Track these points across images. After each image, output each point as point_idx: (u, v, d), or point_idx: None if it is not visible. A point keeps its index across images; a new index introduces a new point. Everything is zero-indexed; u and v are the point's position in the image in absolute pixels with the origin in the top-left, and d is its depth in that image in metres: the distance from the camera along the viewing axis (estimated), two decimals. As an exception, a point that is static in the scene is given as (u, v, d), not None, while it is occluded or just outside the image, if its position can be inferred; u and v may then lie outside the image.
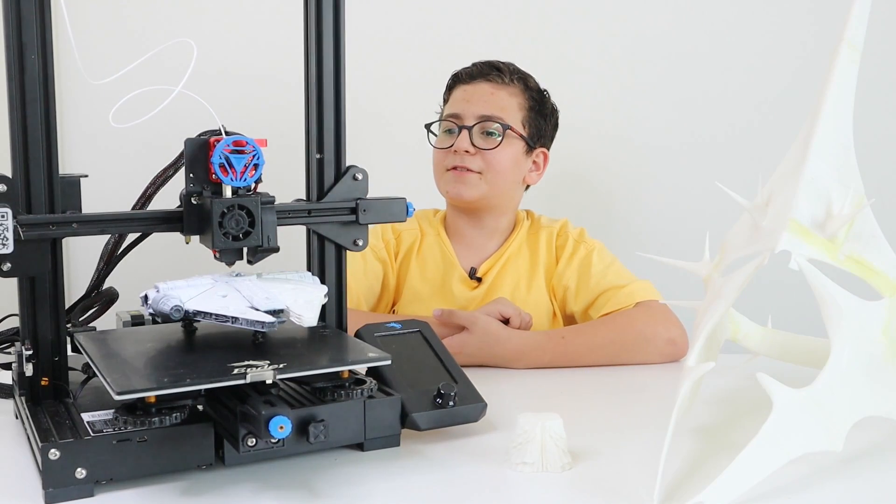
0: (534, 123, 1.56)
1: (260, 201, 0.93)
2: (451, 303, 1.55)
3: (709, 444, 0.97)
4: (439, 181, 1.56)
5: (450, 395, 0.96)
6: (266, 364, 0.83)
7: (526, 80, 1.57)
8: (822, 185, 0.93)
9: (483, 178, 1.51)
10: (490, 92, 1.53)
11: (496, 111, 1.52)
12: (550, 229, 1.60)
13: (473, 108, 1.52)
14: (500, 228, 1.59)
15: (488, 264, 1.57)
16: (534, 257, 1.58)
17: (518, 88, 1.55)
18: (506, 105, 1.53)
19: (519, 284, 1.56)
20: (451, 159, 1.52)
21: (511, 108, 1.53)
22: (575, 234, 1.58)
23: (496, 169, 1.51)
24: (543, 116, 1.58)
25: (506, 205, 1.58)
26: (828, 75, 0.96)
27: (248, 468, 0.88)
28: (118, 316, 1.02)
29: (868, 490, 0.87)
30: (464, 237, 1.59)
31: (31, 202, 0.91)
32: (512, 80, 1.55)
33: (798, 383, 0.85)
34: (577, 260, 1.54)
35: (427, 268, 1.58)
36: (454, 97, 1.57)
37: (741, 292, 0.92)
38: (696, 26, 1.97)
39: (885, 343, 0.89)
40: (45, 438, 0.81)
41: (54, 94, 0.92)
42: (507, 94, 1.54)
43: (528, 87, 1.56)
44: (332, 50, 1.02)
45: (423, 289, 1.57)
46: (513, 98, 1.54)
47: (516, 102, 1.54)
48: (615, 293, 1.48)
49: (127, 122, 0.92)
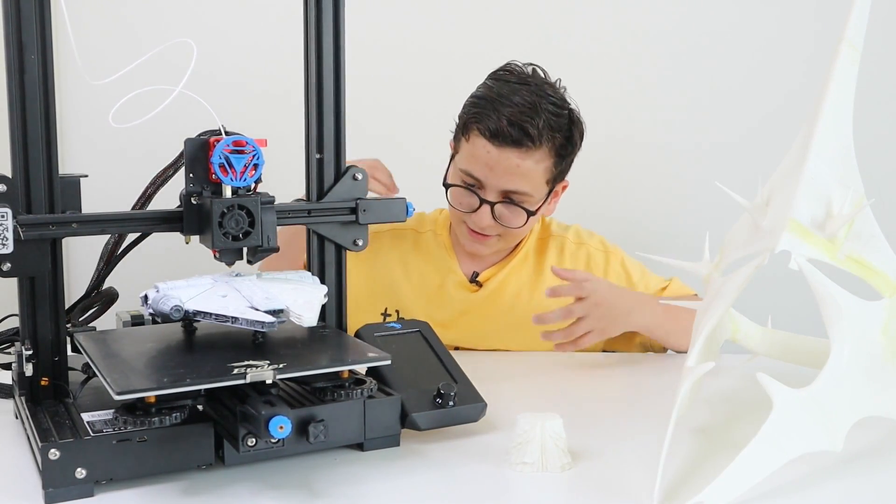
0: (557, 175, 1.46)
1: (260, 201, 0.93)
2: (447, 304, 1.53)
3: (709, 444, 0.97)
4: (456, 227, 1.51)
5: (450, 395, 0.96)
6: (266, 364, 0.83)
7: (553, 135, 1.40)
8: (822, 185, 0.93)
9: (502, 239, 1.48)
10: (516, 164, 1.38)
11: (521, 186, 1.40)
12: (562, 239, 1.56)
13: (497, 181, 1.40)
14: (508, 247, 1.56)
15: (492, 271, 1.54)
16: (539, 265, 1.55)
17: (545, 150, 1.40)
18: (532, 175, 1.40)
19: (521, 291, 1.53)
20: (471, 222, 1.45)
21: (537, 177, 1.41)
22: (597, 244, 1.55)
23: (515, 235, 1.49)
24: (568, 157, 1.47)
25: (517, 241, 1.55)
26: (828, 75, 0.96)
27: (248, 468, 0.88)
28: (118, 316, 1.02)
29: (868, 490, 0.87)
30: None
31: (31, 202, 0.91)
32: (540, 141, 1.38)
33: (798, 383, 0.85)
34: (613, 273, 1.53)
35: (427, 269, 1.56)
36: (475, 152, 1.41)
37: (741, 292, 0.92)
38: (696, 27, 1.97)
39: (885, 343, 0.89)
40: (45, 438, 0.81)
41: (54, 94, 0.92)
42: (533, 161, 1.39)
43: (555, 142, 1.41)
44: (332, 50, 1.02)
45: (423, 289, 1.55)
46: (539, 164, 1.40)
47: (543, 167, 1.41)
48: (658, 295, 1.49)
49: (127, 122, 0.92)
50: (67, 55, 0.98)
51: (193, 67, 0.90)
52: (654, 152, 2.01)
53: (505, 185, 1.40)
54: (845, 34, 0.96)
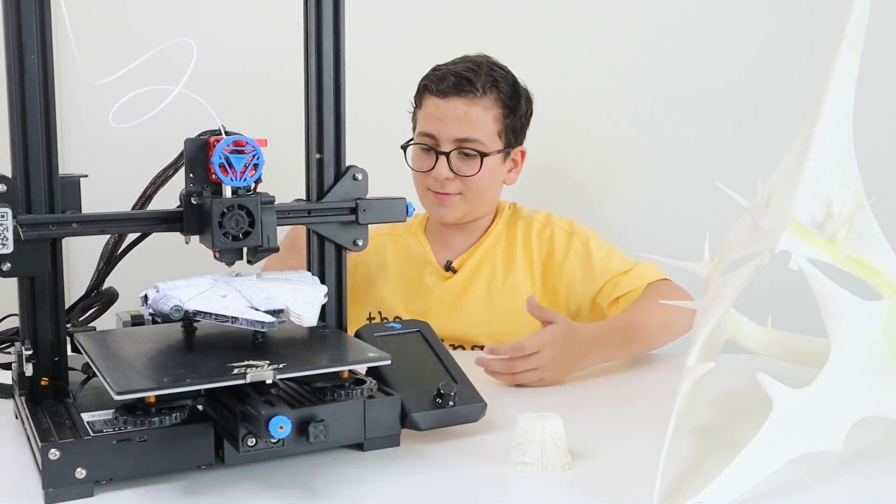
0: (509, 129, 1.53)
1: (260, 201, 0.93)
2: (425, 295, 1.56)
3: (709, 444, 0.97)
4: (422, 199, 1.56)
5: (450, 395, 0.96)
6: (266, 364, 0.83)
7: (497, 85, 1.50)
8: (822, 185, 0.93)
9: (464, 199, 1.52)
10: (464, 111, 1.47)
11: (472, 132, 1.48)
12: (530, 220, 1.59)
13: (448, 131, 1.48)
14: (479, 227, 1.60)
15: (464, 257, 1.58)
16: (511, 247, 1.58)
17: (491, 99, 1.49)
18: (481, 123, 1.48)
19: (495, 274, 1.56)
20: (432, 182, 1.51)
21: (486, 124, 1.49)
22: (564, 225, 1.57)
23: (476, 190, 1.51)
24: (518, 117, 1.54)
25: (486, 210, 1.58)
26: (828, 75, 0.96)
27: (248, 468, 0.88)
28: (118, 316, 1.02)
29: (868, 490, 0.87)
30: (443, 237, 1.61)
31: (31, 202, 0.91)
32: (485, 90, 1.48)
33: (798, 383, 0.85)
34: (574, 253, 1.53)
35: (402, 265, 1.59)
36: (427, 111, 1.52)
37: (741, 292, 0.92)
38: (696, 25, 1.97)
39: (885, 343, 0.89)
40: (45, 438, 0.81)
41: (54, 94, 0.92)
42: (481, 109, 1.48)
43: (500, 93, 1.50)
44: (332, 50, 1.02)
45: (400, 284, 1.58)
46: (487, 112, 1.49)
47: (491, 116, 1.49)
48: (622, 277, 1.48)
49: (127, 122, 0.92)
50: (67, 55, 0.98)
51: (193, 67, 0.90)
52: (654, 152, 2.01)
53: (456, 133, 1.48)
54: (845, 34, 0.96)
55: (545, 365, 1.21)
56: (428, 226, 1.64)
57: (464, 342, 1.53)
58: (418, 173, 1.54)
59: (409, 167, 1.55)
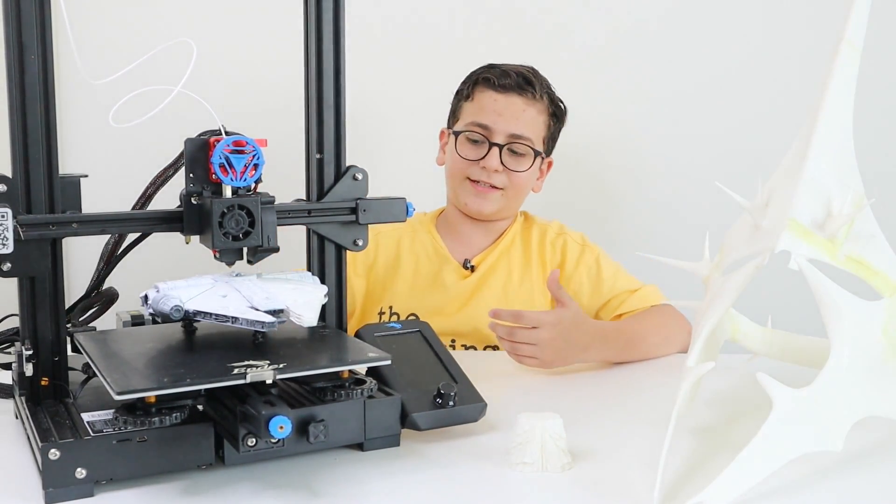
0: (550, 138, 1.59)
1: (260, 201, 0.93)
2: (444, 293, 1.57)
3: (709, 444, 0.97)
4: (458, 188, 1.57)
5: (450, 395, 0.96)
6: (266, 364, 0.83)
7: (551, 94, 1.57)
8: (822, 185, 0.93)
9: (504, 195, 1.55)
10: (522, 109, 1.53)
11: (526, 131, 1.53)
12: (544, 227, 1.63)
13: (506, 125, 1.52)
14: (498, 227, 1.62)
15: (482, 255, 1.59)
16: (527, 251, 1.61)
17: (545, 104, 1.55)
18: (535, 125, 1.54)
19: (511, 276, 1.58)
20: (477, 173, 1.53)
21: (538, 127, 1.55)
22: (577, 237, 1.61)
23: (518, 187, 1.55)
24: (558, 129, 1.61)
25: (515, 210, 1.62)
26: (828, 75, 0.96)
27: (248, 468, 0.88)
28: (118, 316, 1.02)
29: (868, 490, 0.87)
30: (459, 234, 1.61)
31: (31, 202, 0.91)
32: (542, 95, 1.54)
33: (798, 383, 0.85)
34: (584, 265, 1.57)
35: (420, 262, 1.60)
36: (482, 103, 1.54)
37: (741, 292, 0.92)
38: (696, 25, 1.97)
39: (885, 343, 0.89)
40: (45, 438, 0.81)
41: (54, 94, 0.92)
42: (536, 111, 1.54)
43: (552, 102, 1.57)
44: (332, 50, 1.02)
45: (417, 281, 1.58)
46: (541, 116, 1.55)
47: (543, 121, 1.56)
48: (628, 296, 1.52)
49: (127, 122, 0.92)
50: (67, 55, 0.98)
51: (193, 67, 0.90)
52: (654, 152, 2.01)
53: (513, 128, 1.51)
54: (845, 34, 0.96)
55: (543, 343, 1.23)
56: (440, 222, 1.64)
57: (476, 341, 1.53)
58: (461, 163, 1.55)
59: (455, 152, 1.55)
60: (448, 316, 1.54)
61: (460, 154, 1.55)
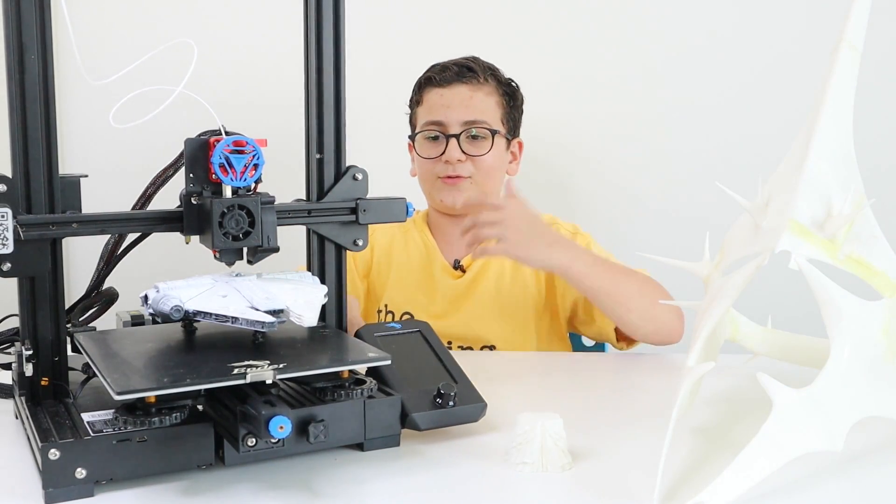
0: (509, 117, 1.59)
1: (260, 201, 0.93)
2: (434, 292, 1.57)
3: (709, 444, 0.97)
4: (431, 189, 1.58)
5: (450, 395, 0.96)
6: (266, 364, 0.83)
7: (496, 75, 1.58)
8: (822, 185, 0.93)
9: (474, 181, 1.54)
10: (468, 95, 1.54)
11: (479, 115, 1.53)
12: None
13: (456, 115, 1.53)
14: None
15: None
16: None
17: (492, 86, 1.56)
18: (486, 106, 1.54)
19: (503, 274, 1.57)
20: (443, 168, 1.53)
21: (490, 108, 1.55)
22: (568, 226, 1.60)
23: (486, 171, 1.55)
24: (516, 108, 1.61)
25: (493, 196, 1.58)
26: (828, 76, 0.96)
27: (248, 468, 0.88)
28: (118, 316, 1.02)
29: (868, 490, 0.87)
30: (447, 234, 1.61)
31: (31, 202, 0.91)
32: (486, 78, 1.55)
33: (798, 383, 0.84)
34: None
35: (412, 259, 1.60)
36: (430, 102, 1.56)
37: (741, 292, 0.92)
38: (696, 26, 1.97)
39: (886, 343, 0.89)
40: (45, 438, 0.81)
41: (54, 94, 0.92)
42: (484, 94, 1.55)
43: (500, 83, 1.58)
44: (332, 50, 1.02)
45: (410, 280, 1.59)
46: (490, 97, 1.55)
47: (493, 101, 1.56)
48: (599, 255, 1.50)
49: (127, 122, 0.92)
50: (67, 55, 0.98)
51: (193, 67, 0.90)
52: (654, 152, 2.01)
53: (464, 116, 1.53)
54: (845, 35, 0.96)
55: (507, 222, 1.27)
56: (431, 223, 1.64)
57: (472, 342, 1.53)
58: (426, 164, 1.56)
59: (418, 156, 1.57)
60: (441, 317, 1.54)
61: (422, 155, 1.56)
